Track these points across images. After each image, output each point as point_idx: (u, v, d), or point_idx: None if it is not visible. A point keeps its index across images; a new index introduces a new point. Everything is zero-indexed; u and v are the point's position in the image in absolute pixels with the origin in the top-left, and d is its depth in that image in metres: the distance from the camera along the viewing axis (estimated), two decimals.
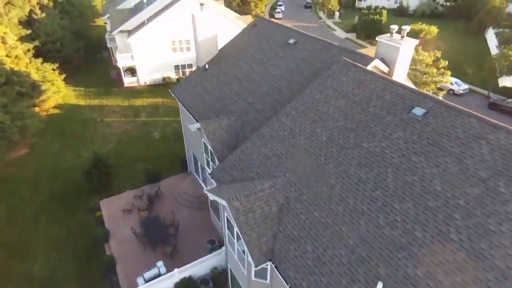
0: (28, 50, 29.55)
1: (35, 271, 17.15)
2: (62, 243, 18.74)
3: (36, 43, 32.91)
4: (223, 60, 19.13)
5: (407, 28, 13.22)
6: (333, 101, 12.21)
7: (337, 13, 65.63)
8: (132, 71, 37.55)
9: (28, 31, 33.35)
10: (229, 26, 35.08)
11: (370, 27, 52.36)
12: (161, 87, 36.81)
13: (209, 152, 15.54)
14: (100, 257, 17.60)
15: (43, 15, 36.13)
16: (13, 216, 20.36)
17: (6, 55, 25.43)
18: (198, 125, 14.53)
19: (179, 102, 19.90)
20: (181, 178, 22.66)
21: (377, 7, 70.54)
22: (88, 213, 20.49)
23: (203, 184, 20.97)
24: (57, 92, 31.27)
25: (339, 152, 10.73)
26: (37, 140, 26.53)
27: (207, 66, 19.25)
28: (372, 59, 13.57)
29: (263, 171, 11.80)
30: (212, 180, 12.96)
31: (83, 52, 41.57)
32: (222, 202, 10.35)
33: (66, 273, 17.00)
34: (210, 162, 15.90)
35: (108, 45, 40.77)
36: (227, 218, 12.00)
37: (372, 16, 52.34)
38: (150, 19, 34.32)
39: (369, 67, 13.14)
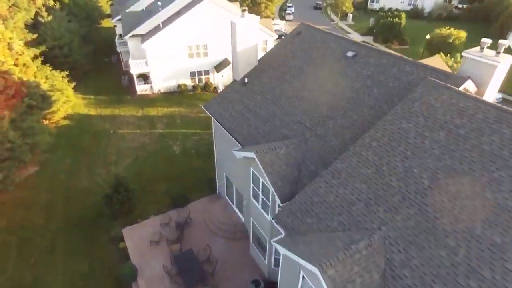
0: (36, 57, 27.17)
1: None
2: (82, 280, 16.49)
3: (43, 48, 30.55)
4: (265, 73, 16.93)
5: (504, 43, 11.17)
6: (428, 132, 10.05)
7: (350, 15, 63.57)
8: (144, 77, 35.27)
9: (34, 36, 30.97)
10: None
11: (388, 31, 50.32)
12: (176, 95, 34.58)
13: (260, 184, 13.34)
14: None
15: (50, 17, 33.74)
16: (25, 248, 18.06)
17: (14, 64, 23.05)
18: (250, 154, 12.32)
19: (213, 120, 17.67)
20: (210, 201, 20.43)
21: (390, 9, 68.73)
22: (110, 243, 18.25)
23: (239, 213, 18.81)
24: (66, 101, 28.94)
25: (453, 204, 8.57)
26: (47, 156, 24.17)
27: (246, 80, 17.04)
28: (463, 79, 11.47)
29: (348, 221, 9.63)
30: (277, 226, 10.74)
31: (91, 57, 39.22)
32: (311, 267, 8.15)
33: None
34: (261, 196, 13.69)
35: (118, 49, 38.44)
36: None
37: (391, 19, 50.25)
38: (165, 22, 32.05)
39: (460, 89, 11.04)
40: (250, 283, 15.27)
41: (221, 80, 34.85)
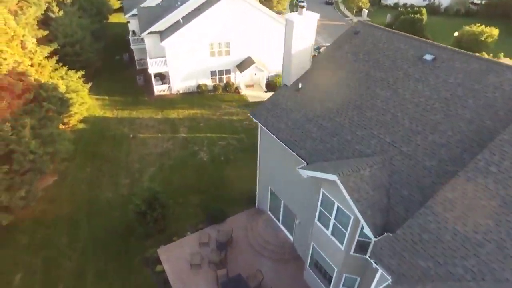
0: (51, 56, 25.07)
1: None
2: None
3: (55, 46, 28.41)
4: (321, 78, 15.08)
5: None
6: None
7: (365, 11, 61.48)
8: (161, 77, 33.25)
9: (45, 32, 28.84)
10: (267, 22, 30.98)
11: (409, 27, 48.30)
12: (196, 95, 32.61)
13: (335, 209, 11.54)
14: None
15: (61, 13, 31.55)
16: (51, 272, 16.21)
17: (30, 65, 20.99)
18: (329, 176, 10.48)
19: (261, 129, 15.84)
20: (251, 217, 18.66)
21: (405, 4, 66.74)
22: (145, 265, 16.45)
23: (286, 231, 17.07)
24: (82, 104, 26.91)
25: None
26: (65, 165, 22.23)
27: (300, 85, 15.16)
28: None
29: (478, 267, 7.87)
30: (379, 268, 8.95)
31: (101, 55, 37.09)
32: None
33: None
34: (332, 221, 11.86)
35: (132, 46, 36.28)
36: None
37: (412, 15, 48.30)
38: (185, 18, 29.98)
39: None
40: None
41: (242, 80, 32.91)
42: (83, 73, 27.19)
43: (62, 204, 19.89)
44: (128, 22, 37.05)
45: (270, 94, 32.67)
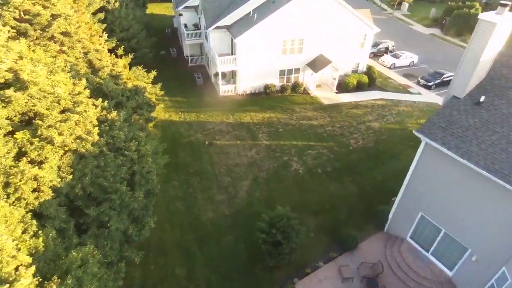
0: (126, 55, 22.29)
1: None
2: None
3: (114, 41, 25.59)
4: (510, 91, 12.72)
5: None
6: None
7: (405, 4, 58.83)
8: (223, 75, 30.59)
9: (103, 26, 25.96)
10: (346, 17, 28.42)
11: (463, 23, 45.95)
12: (263, 96, 30.06)
13: None
14: None
15: (117, 4, 28.59)
16: None
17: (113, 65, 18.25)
18: None
19: (425, 146, 13.50)
20: (385, 244, 16.43)
21: None
22: None
23: (440, 264, 14.87)
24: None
25: None
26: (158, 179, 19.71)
27: (482, 99, 12.80)
28: None
29: None
30: None
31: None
32: None
33: None
34: None
35: (186, 42, 33.43)
36: None
37: (467, 10, 45.84)
38: (258, 12, 27.22)
39: None
40: None
41: (311, 80, 30.39)
42: (155, 74, 24.45)
43: (165, 227, 17.50)
44: (181, 14, 34.09)
45: (342, 95, 30.52)
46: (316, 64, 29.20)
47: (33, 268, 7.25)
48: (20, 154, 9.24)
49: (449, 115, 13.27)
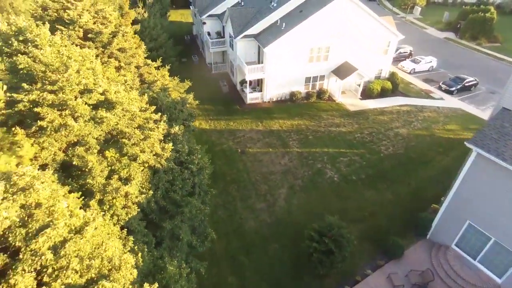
0: (163, 65, 22.73)
1: None
2: None
3: (146, 52, 26.05)
4: None
5: None
6: None
7: (418, 8, 59.21)
8: (250, 83, 31.04)
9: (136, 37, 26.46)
10: (372, 25, 28.83)
11: (479, 27, 46.28)
12: (289, 103, 30.47)
13: None
14: None
15: (146, 14, 29.14)
16: None
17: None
18: None
19: (476, 156, 13.84)
20: (431, 251, 16.74)
21: (455, 0, 64.65)
22: None
23: (487, 271, 15.17)
24: None
25: None
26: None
27: None
28: None
29: None
30: None
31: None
32: None
33: None
34: None
35: (211, 50, 33.94)
36: None
37: (482, 14, 46.16)
38: (286, 20, 27.67)
39: None
40: None
41: (336, 86, 30.80)
42: (190, 84, 24.89)
43: (221, 239, 17.84)
44: (204, 23, 34.62)
45: (367, 101, 30.89)
46: (341, 71, 29.60)
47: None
48: (110, 172, 9.67)
49: (500, 127, 13.63)
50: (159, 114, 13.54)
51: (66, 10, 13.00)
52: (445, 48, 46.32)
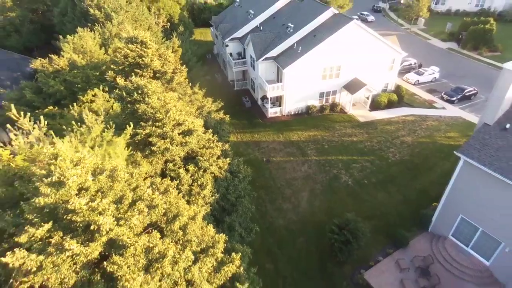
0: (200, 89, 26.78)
1: None
2: None
3: None
4: None
5: None
6: None
7: (422, 20, 62.52)
8: (270, 99, 34.89)
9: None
10: (378, 45, 32.42)
11: (479, 38, 49.43)
12: (305, 116, 34.25)
13: None
14: None
15: (178, 42, 33.36)
16: None
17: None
18: None
19: (463, 162, 17.35)
20: (432, 241, 20.20)
21: (457, 11, 67.72)
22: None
23: (478, 256, 18.56)
24: None
25: None
26: None
27: (508, 126, 16.66)
28: None
29: None
30: None
31: None
32: None
33: None
34: None
35: (233, 69, 38.06)
36: None
37: (482, 25, 49.33)
38: (301, 44, 31.55)
39: None
40: None
41: (347, 100, 34.46)
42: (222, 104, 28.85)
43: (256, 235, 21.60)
44: (227, 45, 38.78)
45: (375, 113, 34.45)
46: (351, 86, 33.28)
47: None
48: (192, 181, 13.58)
49: (482, 139, 17.15)
50: (215, 135, 17.53)
51: (142, 58, 17.11)
52: (448, 58, 49.52)
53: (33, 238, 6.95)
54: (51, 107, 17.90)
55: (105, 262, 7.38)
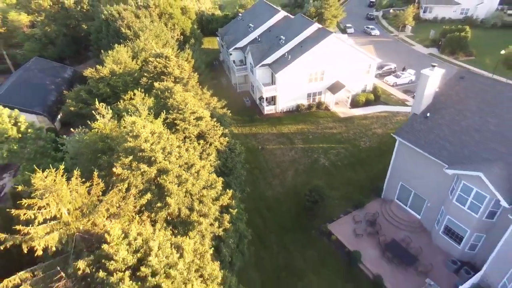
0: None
1: (314, 285, 21.53)
2: (321, 263, 23.01)
3: None
4: (443, 110, 23.01)
5: None
6: None
7: (409, 27, 68.66)
8: (266, 99, 41.69)
9: None
10: (354, 53, 38.95)
11: (456, 44, 55.47)
12: (295, 113, 40.98)
13: (473, 192, 19.41)
14: (358, 275, 21.89)
15: (190, 52, 40.49)
16: (264, 240, 24.80)
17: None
18: (475, 173, 18.44)
19: (399, 143, 23.87)
20: (382, 204, 26.71)
21: (443, 18, 73.59)
22: (322, 236, 24.74)
23: (413, 212, 25.00)
24: None
25: None
26: None
27: (428, 115, 23.16)
28: None
29: None
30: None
31: None
32: None
33: None
34: (470, 200, 19.75)
35: (236, 74, 45.08)
36: None
37: (458, 33, 55.36)
38: (291, 53, 38.33)
39: None
40: (449, 262, 21.49)
41: (330, 99, 41.08)
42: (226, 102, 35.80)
43: (251, 203, 28.16)
44: (231, 54, 45.86)
45: (354, 110, 41.09)
46: (333, 88, 39.93)
47: None
48: (202, 152, 20.53)
49: (410, 125, 23.70)
50: (218, 123, 24.41)
51: (166, 68, 24.18)
52: (427, 62, 55.04)
53: (123, 164, 13.90)
54: (101, 103, 25.07)
55: (158, 178, 14.28)
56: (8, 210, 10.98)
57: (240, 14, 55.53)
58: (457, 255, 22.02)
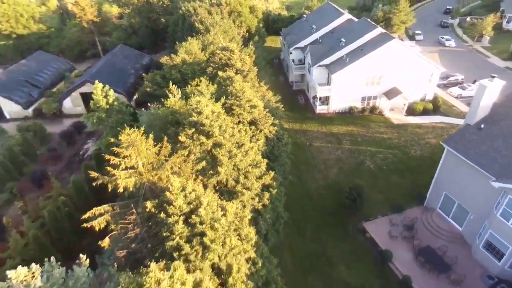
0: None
1: (344, 276, 22.68)
2: (353, 257, 24.04)
3: None
4: (500, 122, 22.41)
5: None
6: None
7: (486, 37, 63.90)
8: (320, 98, 42.89)
9: None
10: (414, 60, 38.20)
11: None
12: (347, 115, 41.57)
13: None
14: (388, 273, 22.50)
15: (253, 48, 43.24)
16: (300, 227, 26.54)
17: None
18: None
19: (448, 151, 23.73)
20: (423, 211, 26.63)
21: None
22: (357, 233, 25.65)
23: (454, 223, 24.66)
24: None
25: None
26: None
27: (482, 126, 22.72)
28: None
29: None
30: None
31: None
32: None
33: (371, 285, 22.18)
34: None
35: (294, 73, 46.91)
36: None
37: None
38: (350, 56, 39.05)
39: None
40: (485, 276, 21.10)
41: (386, 104, 40.83)
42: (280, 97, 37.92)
43: (294, 193, 30.02)
44: (291, 53, 47.80)
45: (409, 118, 40.30)
46: (390, 93, 39.70)
47: None
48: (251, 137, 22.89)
49: (461, 134, 23.45)
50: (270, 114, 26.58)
51: (230, 60, 27.01)
52: (502, 76, 51.42)
53: (187, 134, 16.79)
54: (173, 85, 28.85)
55: (213, 150, 16.93)
56: (102, 155, 14.40)
57: (305, 15, 57.14)
58: (496, 272, 21.45)
